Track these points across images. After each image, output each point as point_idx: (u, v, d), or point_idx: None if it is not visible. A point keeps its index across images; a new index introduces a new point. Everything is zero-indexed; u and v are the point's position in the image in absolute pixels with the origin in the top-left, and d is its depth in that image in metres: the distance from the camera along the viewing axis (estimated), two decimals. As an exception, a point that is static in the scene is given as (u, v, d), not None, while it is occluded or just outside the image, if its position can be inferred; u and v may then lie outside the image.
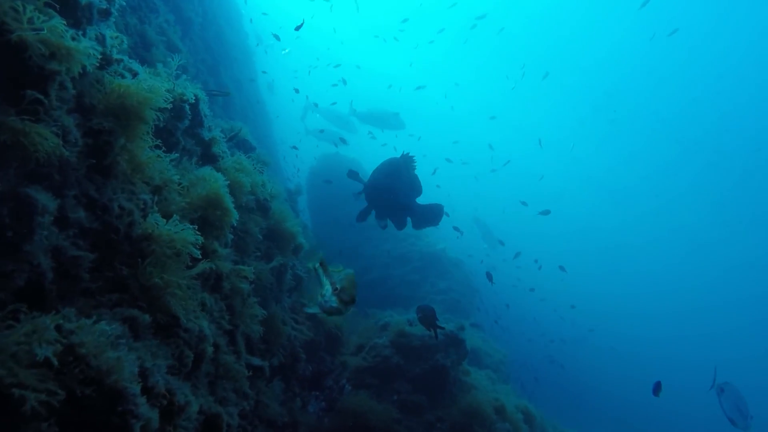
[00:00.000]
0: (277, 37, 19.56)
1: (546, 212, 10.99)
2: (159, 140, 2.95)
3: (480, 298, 15.08)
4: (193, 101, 3.57)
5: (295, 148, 16.79)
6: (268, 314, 4.06)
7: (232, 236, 3.70)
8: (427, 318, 5.23)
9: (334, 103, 16.81)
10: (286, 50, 17.08)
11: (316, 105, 17.18)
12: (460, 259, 14.96)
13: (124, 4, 5.79)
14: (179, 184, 2.69)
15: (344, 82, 17.35)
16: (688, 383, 24.74)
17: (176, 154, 2.89)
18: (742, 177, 34.75)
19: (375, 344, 5.69)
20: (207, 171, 2.97)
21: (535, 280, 22.78)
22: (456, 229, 12.47)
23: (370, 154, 19.73)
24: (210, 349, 2.31)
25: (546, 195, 36.80)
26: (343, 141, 19.30)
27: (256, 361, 3.44)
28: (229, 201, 2.81)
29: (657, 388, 5.96)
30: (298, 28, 12.39)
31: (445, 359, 5.47)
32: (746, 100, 32.57)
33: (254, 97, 15.27)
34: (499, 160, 23.39)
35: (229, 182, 3.59)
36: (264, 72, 17.46)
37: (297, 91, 16.26)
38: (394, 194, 6.25)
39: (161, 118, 2.77)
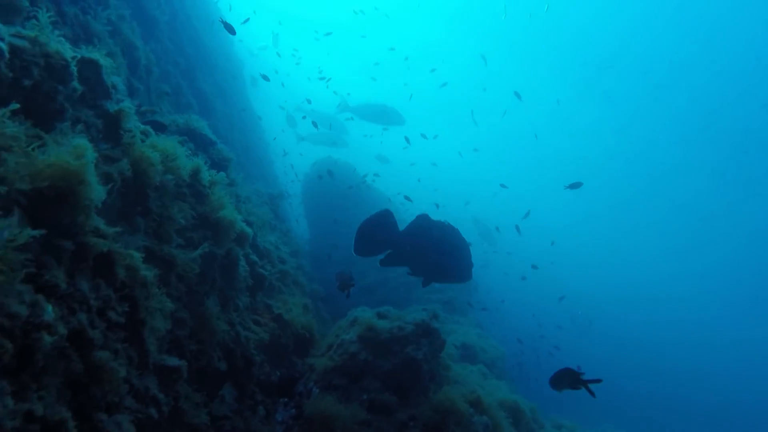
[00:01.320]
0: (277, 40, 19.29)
1: (576, 185, 9.13)
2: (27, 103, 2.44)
3: (478, 293, 14.46)
4: (87, 66, 3.07)
5: (285, 154, 16.37)
6: (198, 310, 3.53)
7: (143, 219, 3.18)
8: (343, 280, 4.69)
9: (308, 101, 16.45)
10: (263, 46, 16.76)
11: (308, 101, 16.74)
12: (458, 257, 14.36)
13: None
14: (32, 148, 2.17)
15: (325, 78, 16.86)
16: (698, 368, 24.04)
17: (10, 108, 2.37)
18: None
19: (342, 341, 5.12)
20: (80, 140, 2.44)
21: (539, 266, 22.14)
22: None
23: (364, 156, 19.31)
24: (48, 340, 1.78)
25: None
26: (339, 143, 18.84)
27: (172, 361, 2.91)
28: (90, 173, 2.26)
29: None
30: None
31: (416, 351, 4.89)
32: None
33: (241, 104, 14.84)
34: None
35: (132, 158, 3.08)
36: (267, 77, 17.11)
37: (283, 85, 15.83)
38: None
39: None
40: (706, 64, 31.27)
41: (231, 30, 6.07)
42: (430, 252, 5.58)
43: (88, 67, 3.17)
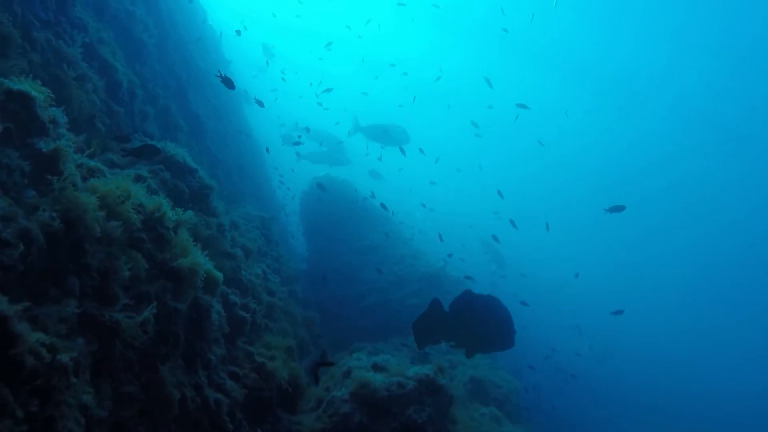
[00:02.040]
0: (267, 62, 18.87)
1: (618, 209, 8.17)
2: None
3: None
4: (15, 99, 2.56)
5: (281, 181, 15.84)
6: (151, 380, 2.98)
7: (78, 279, 2.64)
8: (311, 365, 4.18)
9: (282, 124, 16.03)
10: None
11: (307, 129, 16.26)
12: (461, 278, 13.78)
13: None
14: None
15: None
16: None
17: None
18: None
19: (333, 398, 4.55)
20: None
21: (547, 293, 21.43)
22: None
23: (362, 174, 18.81)
24: None
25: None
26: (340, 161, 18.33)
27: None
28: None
29: None
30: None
31: (419, 413, 4.31)
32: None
33: (237, 123, 14.39)
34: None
35: (63, 207, 2.55)
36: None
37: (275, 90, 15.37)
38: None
39: None
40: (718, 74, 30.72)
41: (230, 85, 5.69)
42: (476, 326, 5.69)
43: (16, 101, 2.67)
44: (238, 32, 13.60)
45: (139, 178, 4.16)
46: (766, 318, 29.10)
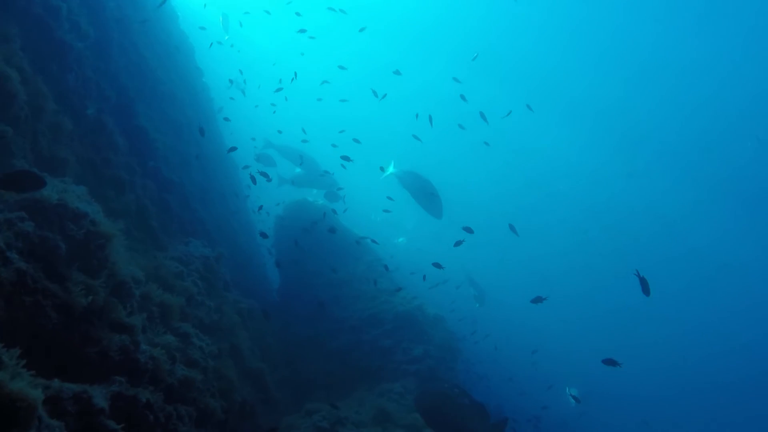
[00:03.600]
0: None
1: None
2: None
3: (461, 360, 12.35)
4: None
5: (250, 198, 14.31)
6: None
7: None
8: None
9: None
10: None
11: (270, 142, 14.82)
12: (440, 315, 12.30)
13: None
14: None
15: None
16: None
17: None
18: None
19: None
20: None
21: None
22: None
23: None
24: None
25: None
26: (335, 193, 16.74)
27: None
28: None
29: None
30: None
31: None
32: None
33: (207, 140, 12.83)
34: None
35: None
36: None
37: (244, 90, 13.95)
38: None
39: None
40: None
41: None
42: None
43: None
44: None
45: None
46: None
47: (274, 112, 16.63)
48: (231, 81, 14.34)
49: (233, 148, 11.34)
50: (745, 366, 27.20)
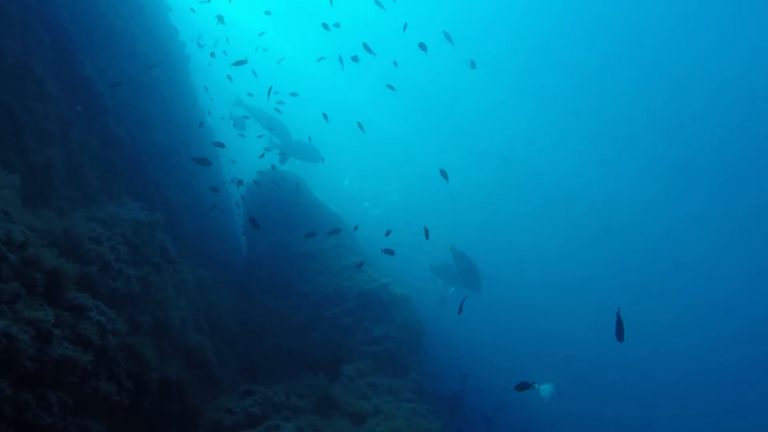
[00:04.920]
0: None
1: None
2: None
3: (426, 343, 11.62)
4: None
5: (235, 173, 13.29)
6: None
7: None
8: None
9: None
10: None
11: (239, 99, 13.86)
12: (407, 296, 11.55)
13: None
14: None
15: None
16: None
17: None
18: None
19: None
20: None
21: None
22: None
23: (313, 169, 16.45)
24: None
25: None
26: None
27: None
28: None
29: None
30: None
31: None
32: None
33: (175, 96, 11.79)
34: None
35: None
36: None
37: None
38: None
39: None
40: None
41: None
42: None
43: None
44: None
45: None
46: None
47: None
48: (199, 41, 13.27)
49: (201, 124, 10.40)
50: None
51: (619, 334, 4.36)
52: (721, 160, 31.47)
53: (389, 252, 8.25)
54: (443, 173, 7.25)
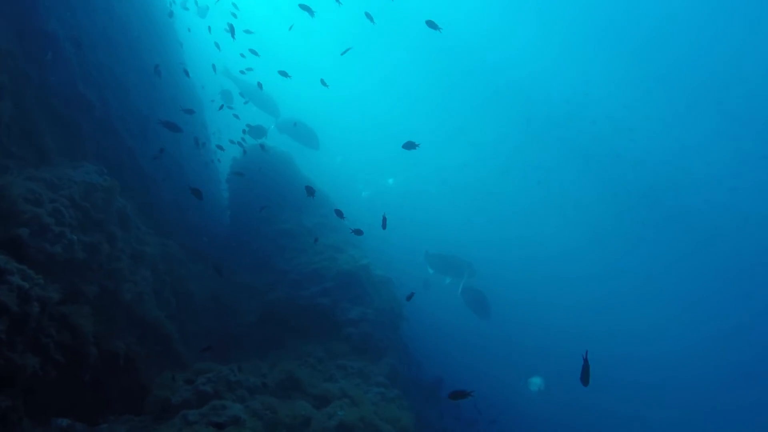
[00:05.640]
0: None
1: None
2: None
3: (407, 328, 11.20)
4: None
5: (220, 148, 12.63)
6: None
7: None
8: None
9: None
10: None
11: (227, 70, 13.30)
12: (389, 278, 11.11)
13: None
14: None
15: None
16: None
17: None
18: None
19: None
20: None
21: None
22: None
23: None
24: None
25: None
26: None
27: None
28: None
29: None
30: None
31: None
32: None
33: (155, 57, 11.22)
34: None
35: None
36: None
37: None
38: None
39: None
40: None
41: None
42: None
43: None
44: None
45: None
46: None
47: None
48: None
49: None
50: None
51: (585, 377, 3.99)
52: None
53: (358, 232, 7.72)
54: (409, 145, 6.69)
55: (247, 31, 11.95)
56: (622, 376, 21.53)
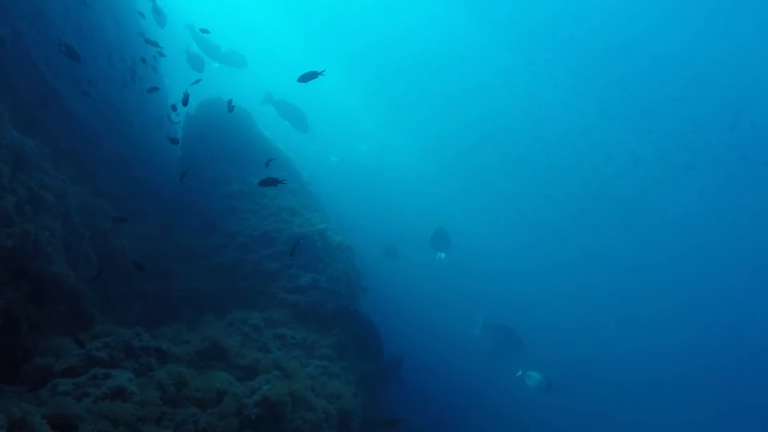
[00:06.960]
0: None
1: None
2: None
3: (367, 301, 10.26)
4: None
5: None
6: None
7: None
8: None
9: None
10: None
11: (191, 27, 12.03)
12: (348, 245, 10.12)
13: None
14: None
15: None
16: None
17: None
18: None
19: None
20: None
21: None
22: None
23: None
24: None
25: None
26: None
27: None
28: None
29: None
30: None
31: None
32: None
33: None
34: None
35: None
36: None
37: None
38: None
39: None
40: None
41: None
42: None
43: None
44: None
45: None
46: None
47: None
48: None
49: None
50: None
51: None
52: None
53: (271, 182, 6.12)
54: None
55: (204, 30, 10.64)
56: (616, 375, 20.91)
